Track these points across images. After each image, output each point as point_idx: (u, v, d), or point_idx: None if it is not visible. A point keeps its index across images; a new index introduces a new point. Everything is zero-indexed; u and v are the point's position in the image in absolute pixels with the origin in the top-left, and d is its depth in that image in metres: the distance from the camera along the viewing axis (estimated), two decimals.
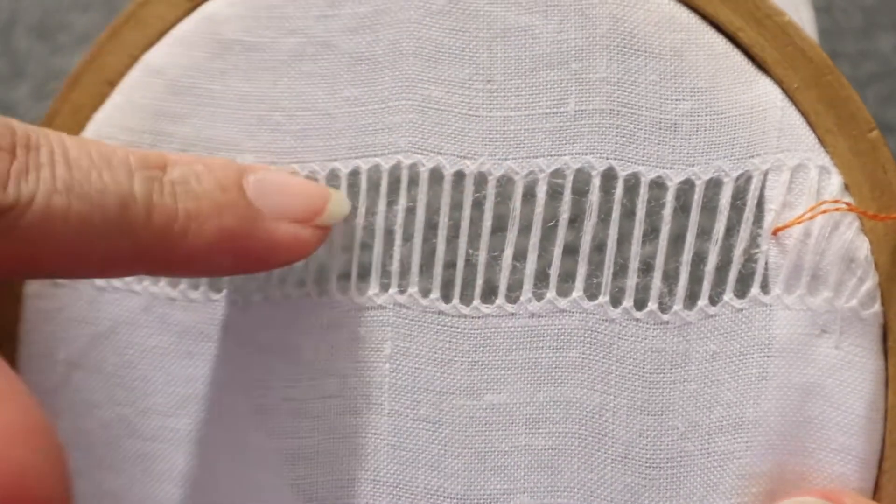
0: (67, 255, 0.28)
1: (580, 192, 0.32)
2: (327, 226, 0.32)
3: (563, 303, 0.32)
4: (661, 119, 0.31)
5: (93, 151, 0.29)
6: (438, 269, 0.32)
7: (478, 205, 0.32)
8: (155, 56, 0.34)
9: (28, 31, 0.55)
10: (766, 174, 0.31)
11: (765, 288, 0.31)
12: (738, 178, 0.31)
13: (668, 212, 0.31)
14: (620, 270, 0.32)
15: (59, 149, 0.28)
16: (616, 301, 0.31)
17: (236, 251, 0.30)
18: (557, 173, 0.32)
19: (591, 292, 0.32)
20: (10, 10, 0.56)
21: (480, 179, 0.32)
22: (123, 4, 0.34)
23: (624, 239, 0.31)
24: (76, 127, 0.34)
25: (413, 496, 0.32)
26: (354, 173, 0.33)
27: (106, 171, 0.29)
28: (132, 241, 0.29)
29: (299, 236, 0.31)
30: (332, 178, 0.33)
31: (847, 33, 0.53)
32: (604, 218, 0.31)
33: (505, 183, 0.32)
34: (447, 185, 0.32)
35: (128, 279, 0.34)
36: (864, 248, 0.31)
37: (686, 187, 0.31)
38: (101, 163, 0.29)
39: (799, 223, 0.31)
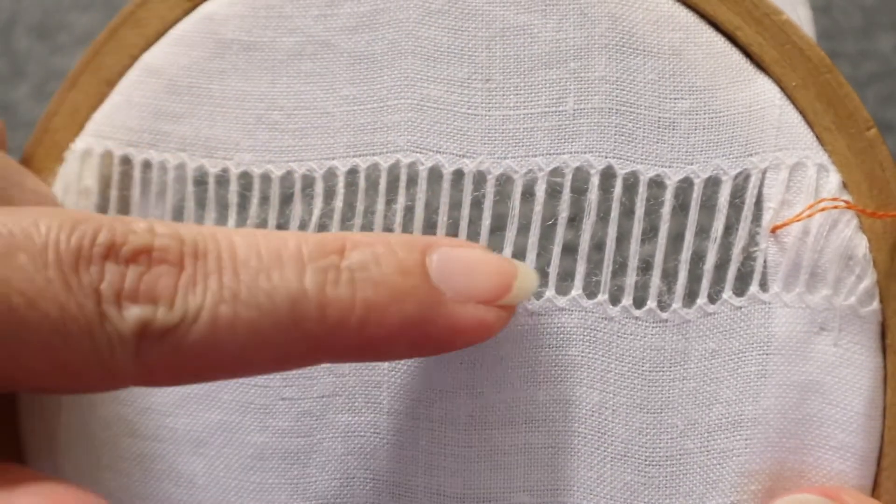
0: (237, 360, 0.27)
1: (579, 190, 0.32)
2: (513, 306, 0.30)
3: (562, 301, 0.32)
4: (659, 117, 0.31)
5: (262, 248, 0.28)
6: None
7: (477, 203, 0.32)
8: (154, 56, 0.34)
9: (28, 31, 0.55)
10: (764, 172, 0.31)
11: (763, 286, 0.31)
12: (736, 177, 0.31)
13: (666, 210, 0.31)
14: (619, 269, 0.32)
15: (227, 253, 0.27)
16: (615, 299, 0.31)
17: (417, 338, 0.29)
18: (556, 172, 0.32)
19: (591, 291, 0.32)
20: (10, 10, 0.56)
21: (479, 178, 0.32)
22: (123, 4, 0.34)
23: (623, 237, 0.31)
24: (75, 127, 0.34)
25: (412, 495, 0.32)
26: (353, 172, 0.33)
27: (276, 269, 0.27)
28: (306, 338, 0.28)
29: (484, 320, 0.29)
30: (330, 177, 0.33)
31: (847, 33, 0.53)
32: (603, 216, 0.31)
33: (504, 182, 0.32)
34: (446, 184, 0.32)
35: None
36: (862, 245, 0.31)
37: (685, 185, 0.31)
38: (271, 260, 0.28)
39: (797, 221, 0.31)
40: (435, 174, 0.32)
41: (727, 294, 0.31)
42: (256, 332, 0.27)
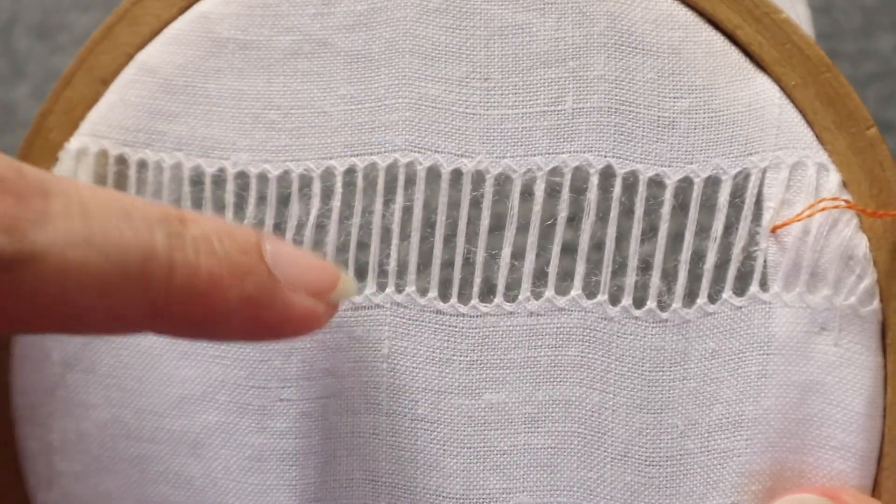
0: (80, 309, 0.26)
1: (578, 190, 0.31)
2: (336, 304, 0.30)
3: (561, 301, 0.32)
4: (659, 117, 0.31)
5: (112, 201, 0.27)
6: (436, 268, 0.32)
7: (475, 203, 0.32)
8: (149, 54, 0.34)
9: (28, 31, 0.55)
10: (764, 172, 0.31)
11: (764, 286, 0.31)
12: (736, 176, 0.31)
13: (666, 210, 0.31)
14: (619, 269, 0.32)
15: (75, 197, 0.26)
16: (615, 299, 0.31)
17: (251, 319, 0.29)
18: (555, 171, 0.32)
19: (590, 291, 0.32)
20: (10, 10, 0.56)
21: (478, 178, 0.32)
22: None
23: (622, 237, 0.31)
24: (70, 125, 0.34)
25: (412, 496, 0.32)
26: (350, 171, 0.32)
27: (126, 223, 0.27)
28: (149, 298, 0.27)
29: (314, 310, 0.29)
30: (328, 177, 0.33)
31: (847, 33, 0.53)
32: (602, 216, 0.31)
33: (503, 181, 0.32)
34: (444, 184, 0.32)
35: None
36: (862, 245, 0.31)
37: (684, 185, 0.31)
38: (121, 214, 0.27)
39: (798, 221, 0.31)
40: (433, 174, 0.32)
41: (727, 294, 0.31)
42: (105, 281, 0.26)
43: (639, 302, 0.31)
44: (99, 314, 0.27)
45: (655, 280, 0.31)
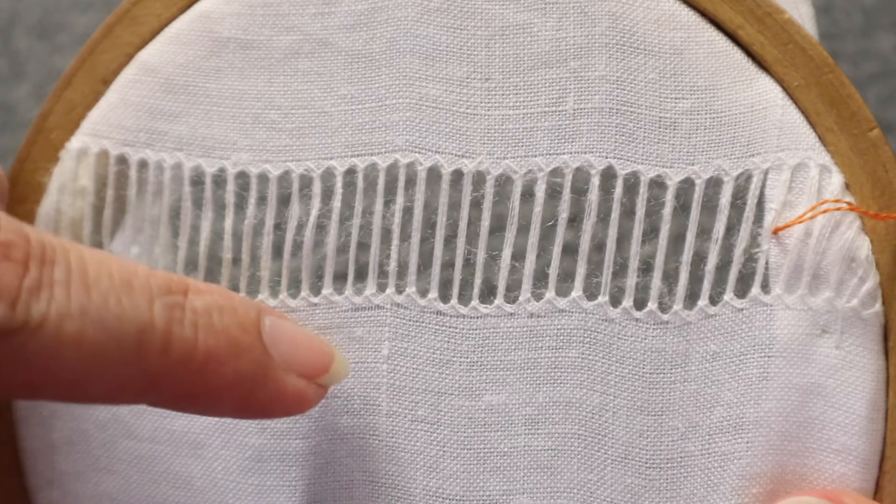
0: (74, 381, 0.26)
1: (579, 191, 0.31)
2: (327, 386, 0.30)
3: (562, 303, 0.32)
4: (660, 117, 0.31)
5: (113, 270, 0.27)
6: (436, 269, 0.32)
7: (476, 204, 0.32)
8: (150, 54, 0.34)
9: (28, 31, 0.55)
10: (766, 173, 0.31)
11: (765, 288, 0.31)
12: (738, 177, 0.31)
13: (667, 211, 0.31)
14: (620, 270, 0.31)
15: (76, 265, 0.26)
16: (616, 301, 0.31)
17: (244, 397, 0.29)
18: (556, 172, 0.32)
19: (591, 292, 0.32)
20: (10, 10, 0.56)
21: (479, 178, 0.32)
22: None
23: (623, 238, 0.31)
24: (71, 125, 0.34)
25: (412, 497, 0.32)
26: (351, 172, 0.32)
27: (125, 294, 0.26)
28: (144, 372, 0.27)
29: (305, 392, 0.30)
30: (328, 177, 0.33)
31: (847, 33, 0.53)
32: (603, 217, 0.31)
33: (503, 182, 0.32)
34: (445, 185, 0.32)
35: None
36: (864, 247, 0.31)
37: (686, 186, 0.31)
38: (122, 285, 0.27)
39: (800, 222, 0.31)
40: (434, 174, 0.32)
41: (728, 296, 0.31)
42: (100, 354, 0.26)
43: (640, 303, 0.31)
44: (94, 385, 0.26)
45: (656, 281, 0.31)
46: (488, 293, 0.32)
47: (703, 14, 0.32)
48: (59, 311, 0.25)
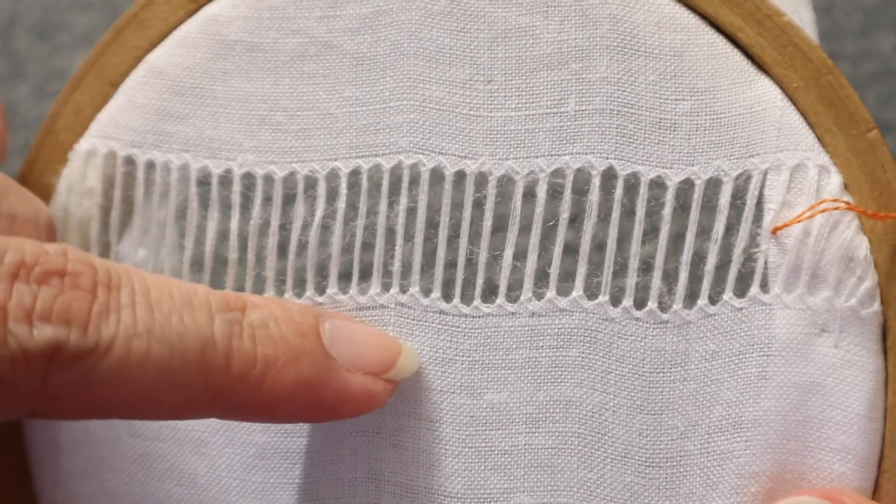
0: (142, 399, 0.27)
1: (580, 191, 0.32)
2: (396, 381, 0.31)
3: (563, 302, 0.32)
4: (660, 119, 0.31)
5: (174, 291, 0.28)
6: (439, 269, 0.32)
7: (478, 204, 0.32)
8: (157, 57, 0.34)
9: (28, 31, 0.55)
10: (765, 173, 0.31)
11: (764, 287, 0.31)
12: (737, 178, 0.31)
13: (667, 211, 0.31)
14: (620, 270, 0.32)
15: (140, 288, 0.28)
16: (616, 300, 0.31)
17: (309, 401, 0.29)
18: (558, 173, 0.32)
19: (591, 292, 0.32)
20: (10, 10, 0.56)
21: (481, 179, 0.32)
22: (124, 5, 0.35)
23: (624, 238, 0.31)
24: (79, 127, 0.34)
25: (414, 495, 0.32)
26: (355, 173, 0.33)
27: (187, 312, 0.28)
28: (209, 386, 0.28)
29: (371, 389, 0.30)
30: (333, 178, 0.33)
31: (847, 33, 0.53)
32: (604, 217, 0.31)
33: (505, 183, 0.32)
34: (448, 185, 0.32)
35: None
36: (863, 247, 0.31)
37: (686, 187, 0.31)
38: (182, 304, 0.28)
39: (798, 222, 0.31)
40: (437, 175, 0.32)
41: (728, 295, 0.31)
42: (166, 371, 0.27)
43: (640, 303, 0.31)
44: (163, 401, 0.28)
45: (656, 281, 0.31)
46: (490, 293, 0.32)
47: (704, 17, 0.32)
48: (127, 331, 0.27)
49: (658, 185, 0.31)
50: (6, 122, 0.34)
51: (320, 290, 0.33)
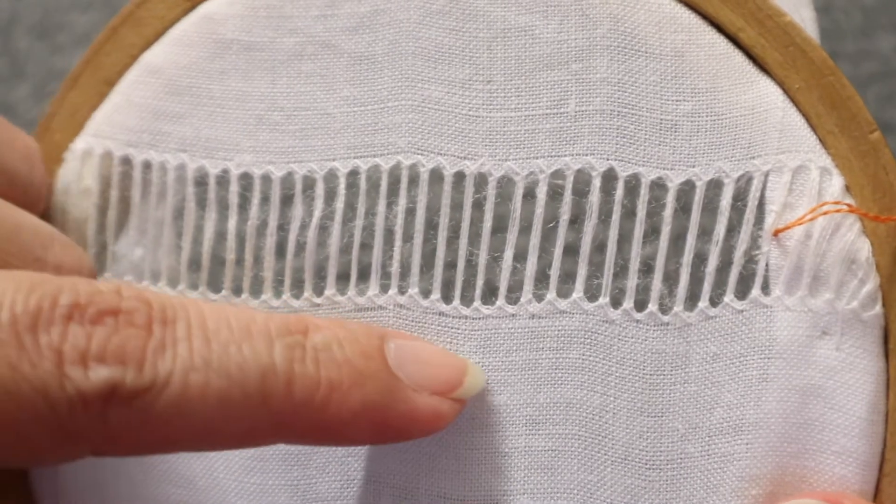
0: (203, 431, 0.27)
1: (580, 192, 0.32)
2: (464, 399, 0.31)
3: (563, 304, 0.32)
4: (661, 120, 0.31)
5: (231, 320, 0.28)
6: (439, 270, 0.32)
7: (478, 205, 0.32)
8: (153, 56, 0.34)
9: (28, 31, 0.55)
10: (766, 175, 0.31)
11: (765, 289, 0.31)
12: (738, 180, 0.31)
13: (668, 213, 0.31)
14: (621, 271, 0.31)
15: (196, 320, 0.27)
16: (616, 302, 0.31)
17: (376, 423, 0.29)
18: (558, 174, 0.32)
19: (592, 293, 0.32)
20: (10, 10, 0.56)
21: (481, 180, 0.32)
22: (123, 5, 0.34)
23: (624, 240, 0.31)
24: (75, 127, 0.34)
25: (413, 497, 0.32)
26: (353, 173, 0.33)
27: (245, 342, 0.27)
28: (272, 413, 0.27)
29: (439, 409, 0.30)
30: (331, 178, 0.33)
31: (847, 33, 0.53)
32: (604, 219, 0.31)
33: (505, 184, 0.32)
34: (447, 186, 0.32)
35: (126, 276, 0.34)
36: (865, 249, 0.31)
37: (687, 188, 0.31)
38: (241, 333, 0.28)
39: (800, 224, 0.31)
40: (436, 176, 0.32)
41: (729, 297, 0.31)
42: (226, 402, 0.27)
43: (640, 305, 0.31)
44: (223, 432, 0.27)
45: (657, 283, 0.31)
46: (490, 294, 0.32)
47: (705, 17, 0.32)
48: (184, 366, 0.26)
49: (659, 186, 0.31)
50: (42, 162, 0.34)
51: (318, 291, 0.33)
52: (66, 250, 0.32)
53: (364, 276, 0.32)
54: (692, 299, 0.31)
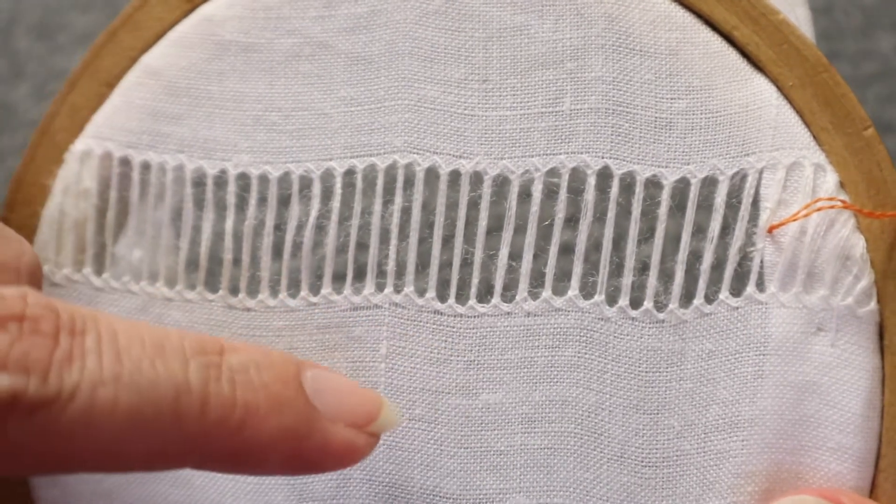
0: (110, 450, 0.25)
1: (576, 191, 0.32)
2: (377, 434, 0.29)
3: (558, 302, 0.32)
4: (656, 118, 0.31)
5: (145, 336, 0.26)
6: (434, 269, 0.32)
7: (474, 204, 0.32)
8: (153, 57, 0.34)
9: (28, 31, 0.55)
10: (761, 172, 0.31)
11: (760, 286, 0.31)
12: (733, 177, 0.31)
13: (663, 210, 0.31)
14: (616, 269, 0.31)
15: (107, 334, 0.26)
16: (612, 300, 0.31)
17: (291, 452, 0.28)
18: (553, 172, 0.32)
19: (587, 291, 0.32)
20: (10, 10, 0.56)
21: (476, 179, 0.32)
22: (123, 5, 0.35)
23: (620, 238, 0.31)
24: (75, 128, 0.34)
25: (409, 496, 0.32)
26: (350, 173, 0.33)
27: (159, 358, 0.26)
28: (184, 433, 0.26)
29: (354, 442, 0.28)
30: (328, 178, 0.33)
31: (847, 33, 0.53)
32: (599, 217, 0.31)
33: (501, 182, 0.32)
34: (443, 185, 0.32)
35: (125, 277, 0.34)
36: (859, 245, 0.31)
37: (681, 186, 0.31)
38: (154, 349, 0.26)
39: (794, 221, 0.31)
40: (432, 175, 0.32)
41: (724, 294, 0.31)
42: (136, 420, 0.25)
43: (636, 302, 0.31)
44: (132, 452, 0.26)
45: (652, 280, 0.31)
46: (486, 292, 0.32)
47: (699, 15, 0.32)
48: (92, 379, 0.25)
49: (654, 184, 0.31)
50: None
51: (315, 290, 0.33)
52: (2, 245, 0.30)
53: (360, 274, 0.32)
54: (687, 296, 0.31)
